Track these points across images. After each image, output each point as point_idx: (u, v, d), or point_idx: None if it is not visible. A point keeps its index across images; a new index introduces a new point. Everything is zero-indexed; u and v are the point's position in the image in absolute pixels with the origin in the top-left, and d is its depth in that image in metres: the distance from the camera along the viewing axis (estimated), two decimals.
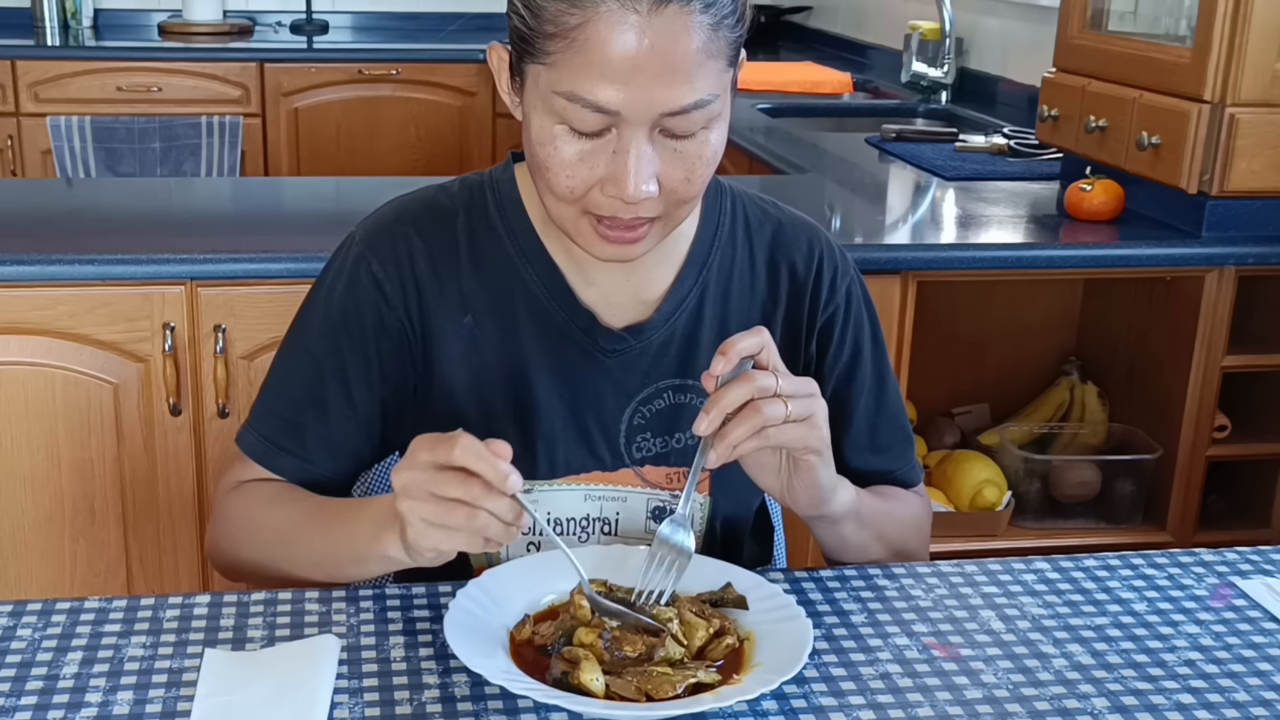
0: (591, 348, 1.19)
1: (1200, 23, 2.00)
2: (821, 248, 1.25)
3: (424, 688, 0.98)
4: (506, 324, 1.19)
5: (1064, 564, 1.21)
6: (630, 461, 1.22)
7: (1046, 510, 2.26)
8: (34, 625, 1.06)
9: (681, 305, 1.21)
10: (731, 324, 1.22)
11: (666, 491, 1.23)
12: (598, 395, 1.20)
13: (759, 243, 1.24)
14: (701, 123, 1.03)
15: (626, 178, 1.02)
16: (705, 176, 1.07)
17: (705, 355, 1.21)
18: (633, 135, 1.01)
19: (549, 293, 1.18)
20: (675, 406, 1.22)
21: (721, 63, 1.03)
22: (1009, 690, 1.01)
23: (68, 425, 1.92)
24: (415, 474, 0.97)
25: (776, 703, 0.98)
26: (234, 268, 1.91)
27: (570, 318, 1.18)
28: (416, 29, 4.70)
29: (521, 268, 1.18)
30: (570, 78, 1.00)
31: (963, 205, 2.34)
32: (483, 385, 1.19)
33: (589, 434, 1.21)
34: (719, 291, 1.22)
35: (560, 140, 1.03)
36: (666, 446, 1.22)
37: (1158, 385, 2.22)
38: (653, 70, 0.99)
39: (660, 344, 1.20)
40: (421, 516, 0.97)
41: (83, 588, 1.99)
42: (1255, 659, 1.06)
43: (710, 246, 1.22)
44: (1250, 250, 2.05)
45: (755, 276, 1.24)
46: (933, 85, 3.46)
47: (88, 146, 3.86)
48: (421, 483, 0.96)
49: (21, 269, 1.85)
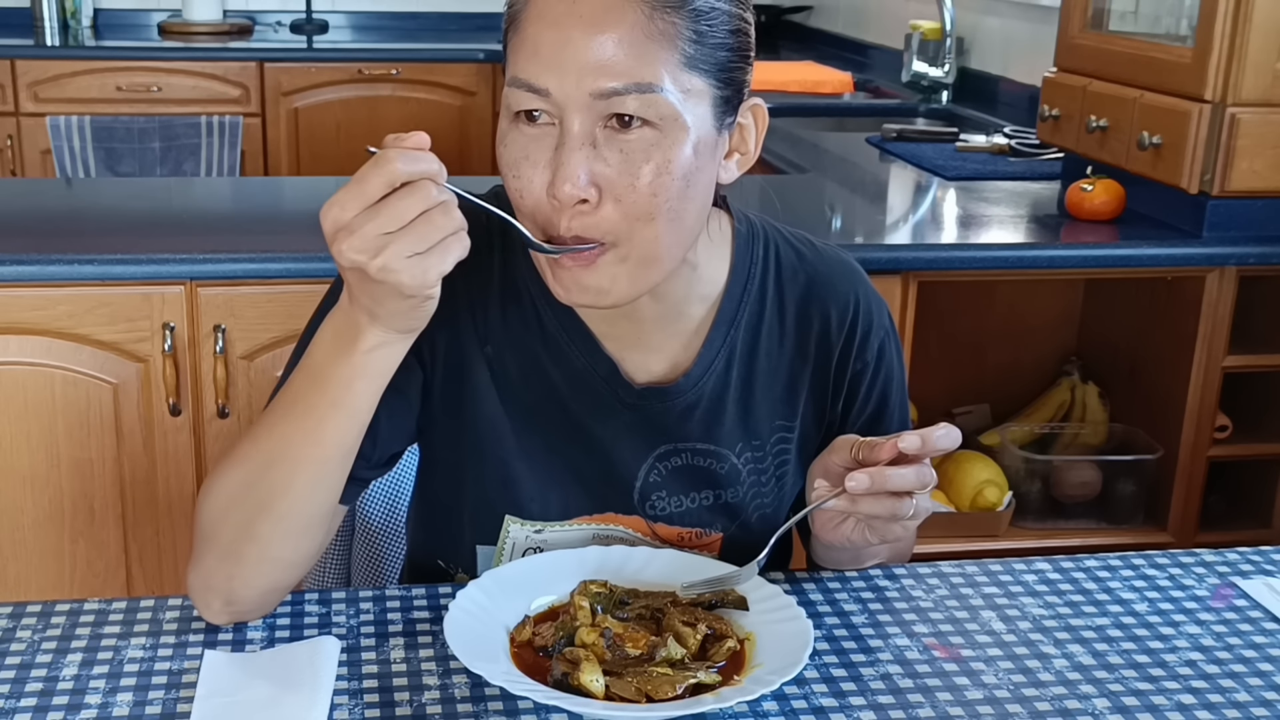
0: (611, 398, 1.14)
1: (1201, 23, 2.00)
2: (856, 303, 1.19)
3: (424, 689, 0.98)
4: (526, 362, 1.14)
5: (1065, 564, 1.21)
6: (645, 517, 1.17)
7: (1047, 510, 2.26)
8: (34, 626, 1.05)
9: (709, 369, 1.15)
10: (756, 384, 1.17)
11: (675, 550, 1.17)
12: (615, 445, 1.15)
13: (790, 293, 1.18)
14: (648, 114, 0.96)
15: (557, 171, 0.97)
16: (663, 192, 0.98)
17: (730, 418, 1.16)
18: (570, 124, 0.97)
19: (569, 335, 1.13)
20: (694, 468, 1.17)
21: (674, 55, 0.97)
22: (1010, 691, 1.01)
23: (67, 425, 1.92)
24: (362, 223, 0.89)
25: (776, 703, 0.98)
26: (234, 268, 1.90)
27: (591, 364, 1.13)
28: (416, 29, 4.70)
29: (543, 308, 1.13)
30: (514, 61, 0.99)
31: (963, 205, 2.34)
32: (496, 419, 1.14)
33: (604, 483, 1.16)
34: (746, 350, 1.16)
35: (509, 136, 1.00)
36: (681, 506, 1.17)
37: (1159, 385, 2.21)
38: (582, 45, 0.95)
39: (685, 408, 1.15)
40: (402, 254, 0.89)
41: (82, 588, 1.98)
42: (1256, 659, 1.06)
43: (740, 301, 1.16)
44: (1251, 250, 2.05)
45: (785, 332, 1.18)
46: (933, 85, 3.46)
47: (87, 146, 3.86)
48: (375, 226, 0.89)
49: (21, 269, 1.85)
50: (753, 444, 1.18)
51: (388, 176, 0.89)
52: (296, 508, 1.03)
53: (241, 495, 1.03)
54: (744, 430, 1.17)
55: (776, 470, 1.19)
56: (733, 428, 1.17)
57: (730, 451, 1.17)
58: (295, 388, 1.02)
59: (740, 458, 1.17)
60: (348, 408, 0.99)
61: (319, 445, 1.00)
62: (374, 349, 0.97)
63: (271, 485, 1.02)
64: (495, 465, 1.14)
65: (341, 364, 0.98)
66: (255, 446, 1.03)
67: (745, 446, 1.17)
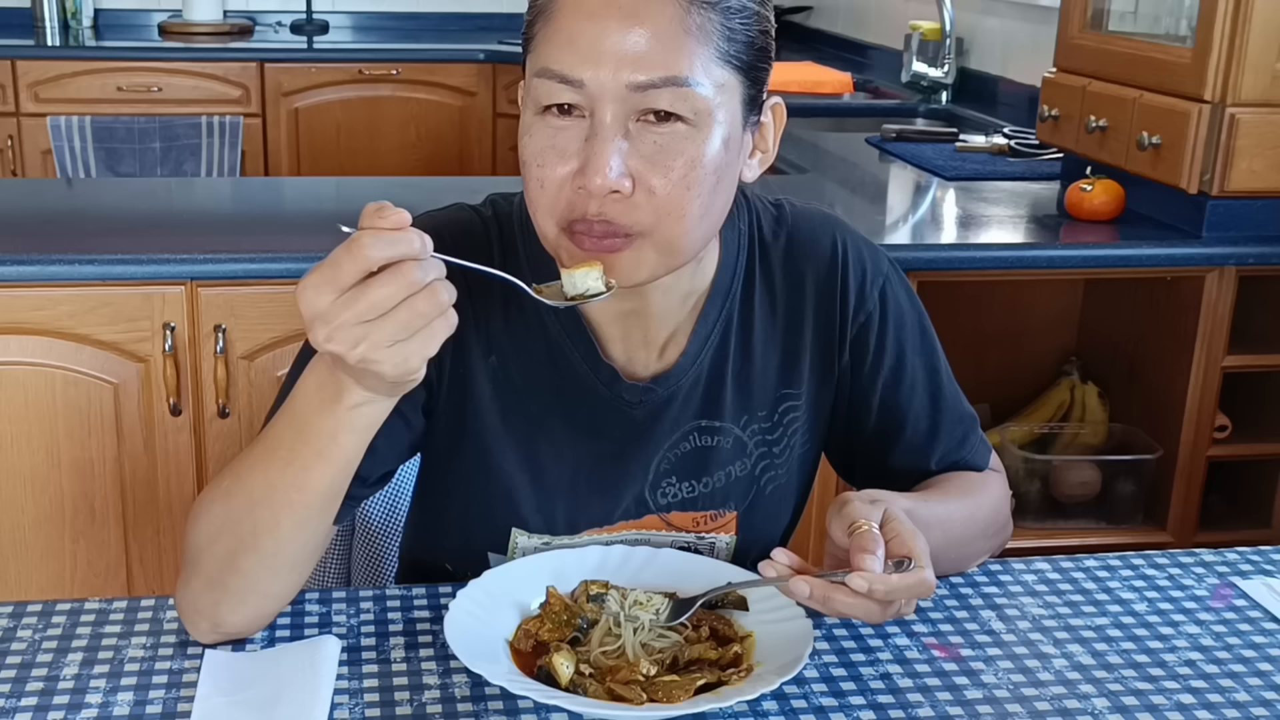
0: (616, 402, 1.13)
1: (1200, 23, 2.00)
2: (843, 250, 1.17)
3: (424, 688, 0.98)
4: (529, 371, 1.12)
5: (1064, 564, 1.21)
6: (656, 508, 1.16)
7: (1047, 510, 2.26)
8: (34, 626, 1.06)
9: (706, 342, 1.14)
10: (755, 355, 1.16)
11: (693, 534, 1.17)
12: (623, 448, 1.14)
13: (775, 258, 1.17)
14: (681, 108, 0.96)
15: (589, 162, 0.96)
16: (696, 186, 0.98)
17: (731, 393, 1.15)
18: (603, 115, 0.96)
19: (572, 341, 1.12)
20: (701, 450, 1.16)
21: (708, 49, 0.97)
22: (1009, 690, 1.01)
23: (68, 425, 1.92)
24: (338, 312, 0.83)
25: (776, 703, 0.98)
26: (234, 268, 1.91)
27: (593, 370, 1.12)
28: (416, 29, 4.70)
29: (545, 314, 1.11)
30: (544, 53, 0.98)
31: (963, 205, 2.34)
32: (506, 432, 1.13)
33: (614, 488, 1.15)
34: (741, 324, 1.15)
35: (535, 128, 0.99)
36: (694, 491, 1.16)
37: (1158, 385, 2.21)
38: (618, 36, 0.95)
39: (687, 387, 1.14)
40: (382, 345, 0.84)
41: (83, 588, 1.99)
42: (1256, 659, 1.06)
43: (731, 278, 1.15)
44: (1250, 250, 2.05)
45: (775, 299, 1.17)
46: (933, 85, 3.46)
47: (88, 146, 3.86)
48: (353, 316, 0.83)
49: (21, 269, 1.85)
50: (758, 415, 1.17)
51: (361, 264, 0.83)
52: (283, 547, 1.00)
53: (227, 530, 1.00)
54: (746, 403, 1.16)
55: (789, 440, 1.18)
56: (734, 402, 1.16)
57: (734, 425, 1.16)
58: (280, 432, 0.97)
59: (745, 430, 1.16)
60: (333, 458, 0.96)
61: (303, 492, 0.97)
62: (357, 406, 0.93)
63: (256, 525, 0.99)
64: (498, 478, 1.14)
65: (326, 416, 0.93)
66: (240, 484, 1.00)
67: (750, 420, 1.16)
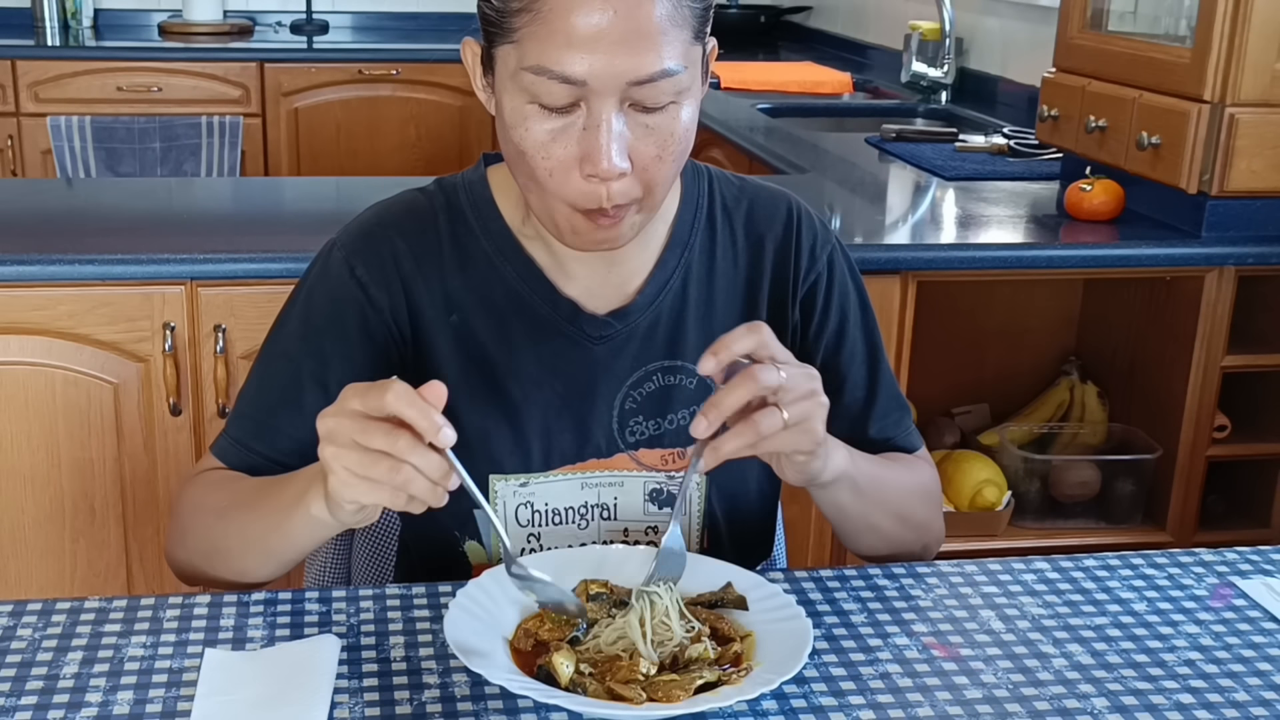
0: (578, 336, 1.19)
1: (1200, 23, 2.00)
2: (798, 216, 1.26)
3: (424, 687, 0.99)
4: (492, 321, 1.19)
5: (1064, 564, 1.21)
6: (625, 446, 1.22)
7: (1046, 510, 2.26)
8: (34, 625, 1.06)
9: (666, 286, 1.21)
10: (717, 303, 1.23)
11: (663, 473, 1.23)
12: (588, 383, 1.20)
13: (738, 220, 1.25)
14: (670, 95, 1.03)
15: (599, 151, 1.02)
16: (679, 155, 1.06)
17: (692, 336, 1.21)
18: (602, 108, 1.01)
19: (530, 287, 1.19)
20: (666, 388, 1.22)
21: (687, 34, 1.03)
22: (1009, 690, 1.01)
23: (68, 425, 1.92)
24: (341, 420, 0.93)
25: (776, 703, 0.98)
26: (234, 268, 1.91)
27: (553, 309, 1.19)
28: (416, 29, 4.70)
29: (500, 266, 1.19)
30: (537, 50, 1.01)
31: (963, 205, 2.34)
32: (472, 383, 1.19)
33: (582, 423, 1.21)
34: (703, 271, 1.22)
35: (531, 120, 1.03)
36: (660, 429, 1.22)
37: (1158, 385, 2.22)
38: (616, 37, 0.99)
39: (647, 326, 1.21)
40: (345, 465, 0.93)
41: (83, 587, 1.99)
42: (1255, 659, 1.07)
43: (691, 228, 1.22)
44: (1250, 250, 2.05)
45: (738, 254, 1.24)
46: (933, 85, 3.46)
47: (88, 146, 3.86)
48: (348, 430, 0.92)
49: (21, 269, 1.85)
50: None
51: (375, 403, 0.92)
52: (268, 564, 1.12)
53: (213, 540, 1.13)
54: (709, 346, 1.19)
55: None
56: (696, 345, 1.20)
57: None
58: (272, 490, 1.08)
59: None
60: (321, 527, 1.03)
61: (288, 539, 1.07)
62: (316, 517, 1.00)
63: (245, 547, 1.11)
64: (467, 426, 1.16)
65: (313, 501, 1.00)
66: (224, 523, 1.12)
67: None
